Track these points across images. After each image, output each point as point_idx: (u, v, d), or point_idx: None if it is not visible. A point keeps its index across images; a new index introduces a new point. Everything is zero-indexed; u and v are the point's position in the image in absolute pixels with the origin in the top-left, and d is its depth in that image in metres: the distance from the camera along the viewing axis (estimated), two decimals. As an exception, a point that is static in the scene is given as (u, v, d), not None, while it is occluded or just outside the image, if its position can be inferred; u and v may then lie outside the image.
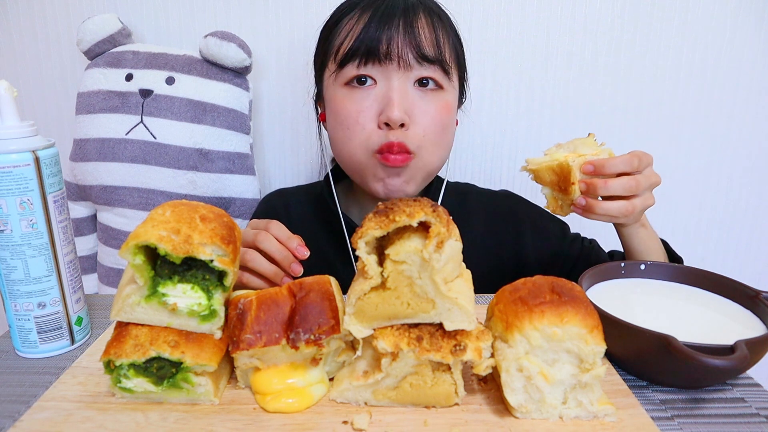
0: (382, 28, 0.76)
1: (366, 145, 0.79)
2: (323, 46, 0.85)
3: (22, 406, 0.52)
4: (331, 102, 0.83)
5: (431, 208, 0.47)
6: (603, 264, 0.66)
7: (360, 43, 0.77)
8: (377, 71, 0.78)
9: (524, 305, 0.49)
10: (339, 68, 0.80)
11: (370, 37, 0.76)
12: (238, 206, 1.16)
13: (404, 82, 0.78)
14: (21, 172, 0.56)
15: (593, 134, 0.71)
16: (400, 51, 0.77)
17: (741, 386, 0.55)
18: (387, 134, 0.78)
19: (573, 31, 1.18)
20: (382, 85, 0.79)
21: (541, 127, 1.25)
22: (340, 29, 0.81)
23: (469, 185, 1.03)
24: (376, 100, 0.78)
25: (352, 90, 0.80)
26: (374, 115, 0.79)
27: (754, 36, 1.18)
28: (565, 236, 0.94)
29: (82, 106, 1.11)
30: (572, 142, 0.71)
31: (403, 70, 0.78)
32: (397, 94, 0.77)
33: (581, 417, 0.49)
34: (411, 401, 0.51)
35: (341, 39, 0.80)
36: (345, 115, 0.80)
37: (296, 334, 0.50)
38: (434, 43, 0.79)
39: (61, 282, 0.60)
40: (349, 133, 0.80)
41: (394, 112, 0.76)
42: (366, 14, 0.78)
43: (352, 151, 0.81)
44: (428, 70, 0.79)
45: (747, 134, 1.24)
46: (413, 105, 0.78)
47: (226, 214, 0.55)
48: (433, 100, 0.80)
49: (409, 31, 0.77)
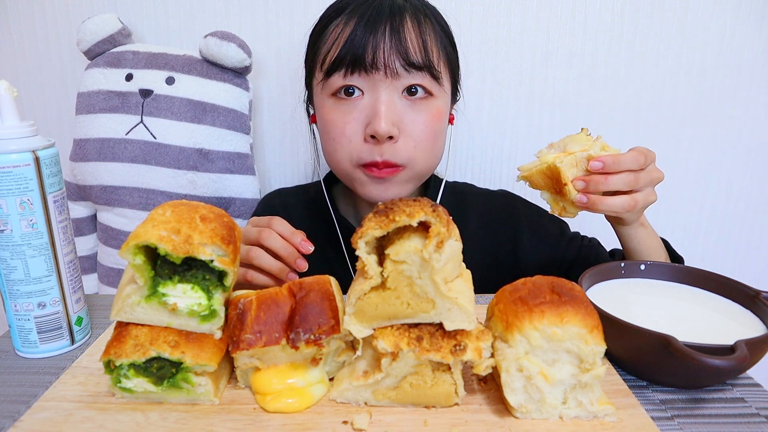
0: (367, 35, 0.74)
1: (351, 158, 0.79)
2: (311, 52, 0.83)
3: (22, 406, 0.52)
4: (320, 111, 0.82)
5: (431, 208, 0.47)
6: (603, 264, 0.66)
7: (345, 52, 0.75)
8: (363, 81, 0.76)
9: (524, 305, 0.49)
10: (325, 77, 0.78)
11: (356, 45, 0.74)
12: (238, 206, 1.16)
13: (392, 93, 0.76)
14: (21, 172, 0.56)
15: (586, 129, 0.70)
16: (386, 59, 0.74)
17: (741, 386, 0.55)
18: (372, 150, 0.77)
19: (573, 30, 1.18)
20: (369, 96, 0.77)
21: (541, 127, 1.25)
22: (327, 36, 0.79)
23: (467, 185, 1.03)
24: (362, 111, 0.77)
25: (338, 101, 0.78)
26: (361, 127, 0.77)
27: (754, 36, 1.18)
28: (563, 236, 0.94)
29: (82, 106, 1.11)
30: (563, 141, 0.69)
31: (390, 79, 0.75)
32: (384, 106, 0.75)
33: (581, 417, 0.49)
34: (411, 401, 0.51)
35: (328, 46, 0.78)
36: (332, 126, 0.79)
37: (296, 334, 0.50)
38: (421, 48, 0.76)
39: (61, 282, 0.60)
40: (335, 144, 0.79)
41: (381, 125, 0.74)
42: (352, 20, 0.76)
43: (338, 160, 0.81)
44: (416, 77, 0.76)
45: (747, 134, 1.24)
46: (402, 116, 0.77)
47: (227, 214, 0.55)
48: (422, 109, 0.78)
49: (395, 38, 0.74)
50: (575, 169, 0.67)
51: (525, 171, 0.70)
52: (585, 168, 0.67)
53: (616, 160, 0.65)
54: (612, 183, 0.66)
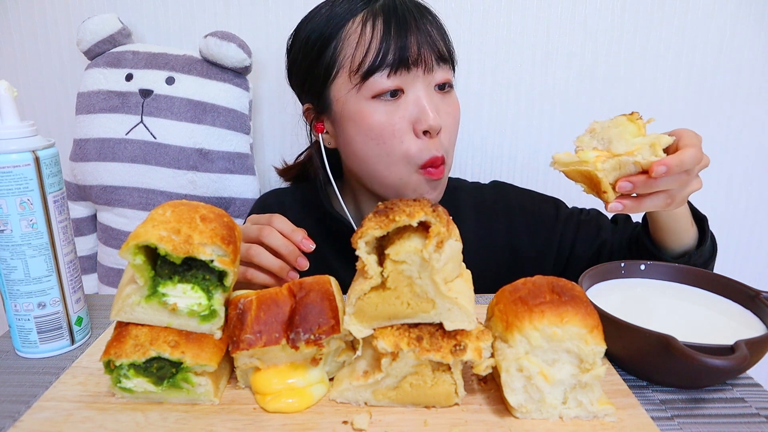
0: (403, 33, 0.74)
1: (408, 160, 0.78)
2: (319, 60, 0.79)
3: (22, 406, 0.52)
4: (356, 117, 0.78)
5: (431, 208, 0.47)
6: (603, 264, 0.66)
7: (386, 51, 0.74)
8: (404, 79, 0.76)
9: (524, 305, 0.49)
10: (362, 80, 0.76)
11: (398, 44, 0.74)
12: (238, 206, 1.16)
13: (428, 87, 0.77)
14: (21, 172, 0.56)
15: (636, 114, 0.60)
16: (425, 55, 0.75)
17: (741, 386, 0.55)
18: (428, 146, 0.77)
19: (573, 31, 1.18)
20: (410, 93, 0.77)
21: (541, 127, 1.25)
22: (344, 41, 0.77)
23: (459, 180, 1.02)
24: (406, 109, 0.76)
25: (382, 103, 0.76)
26: (408, 125, 0.77)
27: (754, 36, 1.18)
28: (558, 217, 0.92)
29: (82, 106, 1.12)
30: (606, 128, 0.60)
31: (426, 74, 0.77)
32: (426, 101, 0.76)
33: (581, 417, 0.49)
34: (411, 401, 0.51)
35: (354, 50, 0.76)
36: (379, 129, 0.77)
37: (296, 334, 0.50)
38: (442, 40, 0.78)
39: (61, 282, 0.60)
40: (386, 148, 0.77)
41: (431, 119, 0.74)
42: (377, 21, 0.75)
43: (391, 166, 0.78)
44: (443, 70, 0.78)
45: (747, 134, 1.24)
46: (438, 109, 0.78)
47: (227, 214, 0.55)
48: (450, 101, 0.80)
49: (425, 33, 0.76)
50: (617, 171, 0.60)
51: (560, 165, 0.62)
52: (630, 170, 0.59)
53: (680, 163, 0.58)
54: (663, 184, 0.60)
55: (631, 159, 0.59)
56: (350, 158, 0.84)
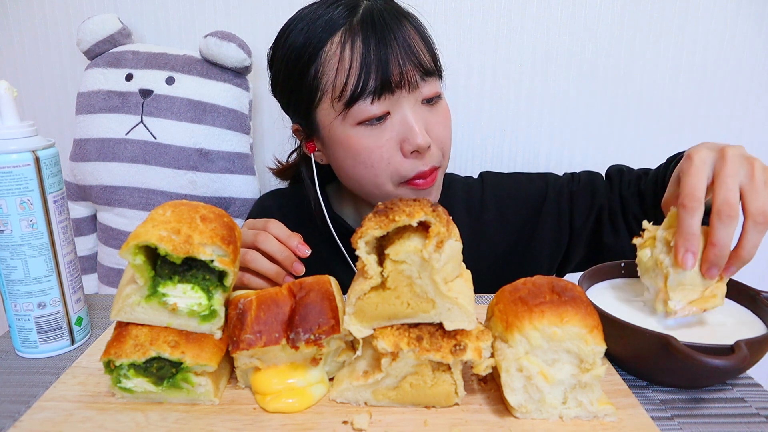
0: (384, 54, 0.71)
1: (393, 179, 0.77)
2: (302, 82, 0.77)
3: (22, 406, 0.52)
4: (344, 142, 0.77)
5: (431, 208, 0.47)
6: (603, 264, 0.66)
7: (368, 77, 0.71)
8: (389, 102, 0.74)
9: (524, 305, 0.49)
10: (346, 108, 0.74)
11: (379, 68, 0.71)
12: (238, 206, 1.16)
13: (414, 104, 0.75)
14: (21, 172, 0.56)
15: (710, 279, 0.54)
16: (408, 75, 0.73)
17: (741, 386, 0.55)
18: (416, 163, 0.76)
19: (573, 30, 1.18)
20: (396, 114, 0.75)
21: (541, 127, 1.24)
22: (324, 65, 0.74)
23: (450, 175, 1.01)
24: (393, 130, 0.75)
25: (368, 128, 0.75)
26: (395, 146, 0.75)
27: (754, 36, 1.18)
28: (548, 193, 0.90)
29: (82, 106, 1.12)
30: (667, 280, 0.54)
31: (411, 92, 0.75)
32: (413, 120, 0.74)
33: (581, 417, 0.49)
34: (411, 401, 0.51)
35: (335, 76, 0.73)
36: (366, 154, 0.76)
37: (296, 334, 0.50)
38: (425, 52, 0.75)
39: (61, 282, 0.60)
40: (374, 171, 0.77)
41: (419, 139, 0.73)
42: (356, 42, 0.72)
43: (379, 185, 0.78)
44: (429, 84, 0.76)
45: (747, 134, 1.24)
46: (427, 123, 0.76)
47: (227, 214, 0.55)
48: (438, 111, 0.79)
49: (407, 49, 0.73)
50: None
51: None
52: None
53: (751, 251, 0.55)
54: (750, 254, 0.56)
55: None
56: (341, 176, 0.84)
